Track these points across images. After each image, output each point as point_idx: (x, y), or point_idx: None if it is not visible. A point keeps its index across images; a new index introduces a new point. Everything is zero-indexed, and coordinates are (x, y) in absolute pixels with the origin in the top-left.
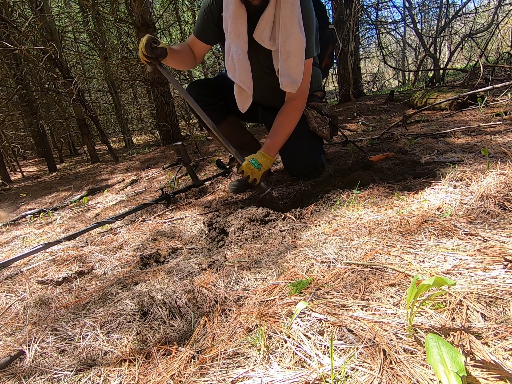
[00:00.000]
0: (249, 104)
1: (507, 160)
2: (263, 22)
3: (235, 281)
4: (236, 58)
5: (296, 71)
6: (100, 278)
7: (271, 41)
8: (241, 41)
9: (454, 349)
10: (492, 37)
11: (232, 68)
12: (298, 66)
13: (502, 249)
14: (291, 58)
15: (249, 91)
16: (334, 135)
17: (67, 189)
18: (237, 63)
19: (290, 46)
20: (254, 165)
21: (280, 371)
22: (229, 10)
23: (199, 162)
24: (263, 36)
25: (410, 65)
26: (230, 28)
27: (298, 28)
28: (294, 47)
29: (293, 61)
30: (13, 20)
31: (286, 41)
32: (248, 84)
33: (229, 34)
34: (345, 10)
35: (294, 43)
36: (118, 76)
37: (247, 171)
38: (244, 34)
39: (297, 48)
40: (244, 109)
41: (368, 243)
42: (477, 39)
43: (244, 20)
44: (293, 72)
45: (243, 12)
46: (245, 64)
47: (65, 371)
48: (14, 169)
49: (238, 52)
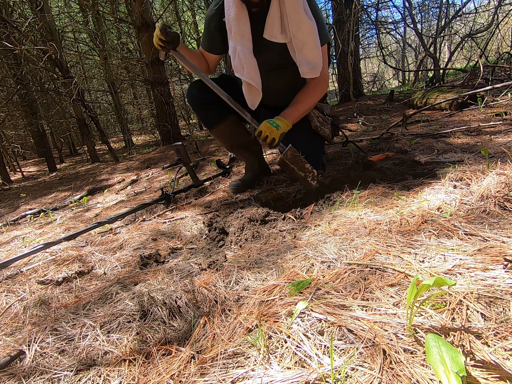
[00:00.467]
0: (259, 100)
1: (507, 160)
2: (270, 20)
3: (235, 281)
4: (242, 56)
5: (313, 55)
6: (100, 278)
7: (283, 34)
8: (245, 41)
9: (454, 349)
10: (492, 37)
11: (240, 67)
12: (314, 49)
13: (502, 249)
14: (306, 45)
15: (258, 87)
16: (335, 135)
17: (67, 189)
18: (244, 62)
19: (303, 34)
20: (273, 124)
21: (280, 371)
22: (231, 13)
23: (199, 162)
24: (274, 32)
25: (410, 65)
26: (234, 30)
27: (305, 16)
28: (306, 33)
29: (308, 47)
30: (13, 20)
31: (298, 32)
32: (257, 81)
33: (233, 36)
34: (345, 10)
35: (305, 30)
36: (118, 76)
37: (266, 131)
38: (248, 34)
39: (308, 33)
40: (254, 106)
41: (368, 243)
42: (477, 39)
43: (246, 21)
44: (311, 57)
45: (245, 13)
46: (252, 62)
47: (65, 371)
48: (14, 169)
49: (244, 51)
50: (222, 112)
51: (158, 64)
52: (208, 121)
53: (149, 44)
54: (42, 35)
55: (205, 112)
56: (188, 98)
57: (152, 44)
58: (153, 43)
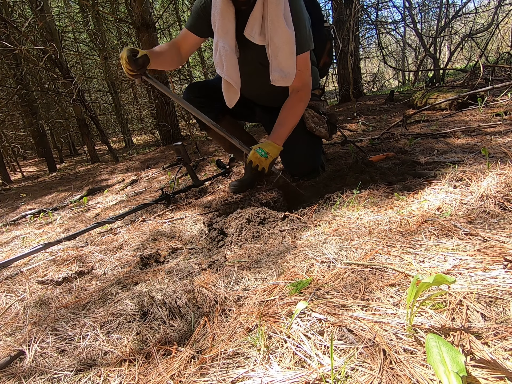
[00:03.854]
0: (236, 99)
1: (507, 160)
2: (252, 18)
3: (235, 281)
4: (223, 53)
5: (287, 64)
6: (100, 278)
7: (261, 36)
8: (228, 37)
9: (454, 349)
10: (492, 37)
11: (220, 63)
12: (289, 59)
13: (502, 249)
14: (280, 52)
15: (236, 86)
16: (333, 134)
17: (67, 189)
18: (225, 59)
19: (279, 40)
20: (261, 154)
21: (280, 371)
22: (217, 7)
23: (199, 162)
24: (253, 32)
25: (410, 65)
26: (218, 25)
27: (284, 22)
28: (282, 40)
29: (282, 55)
30: (13, 20)
31: (274, 36)
32: (235, 80)
33: (217, 31)
34: (345, 10)
35: (281, 37)
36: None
37: (255, 161)
38: (232, 30)
39: (285, 41)
40: (231, 105)
41: (368, 243)
42: (477, 39)
43: (231, 17)
44: (284, 66)
45: (231, 9)
46: (233, 60)
47: (65, 371)
48: (14, 169)
49: (226, 48)
50: (218, 113)
51: None
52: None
53: (149, 44)
54: (42, 35)
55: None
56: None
57: (152, 44)
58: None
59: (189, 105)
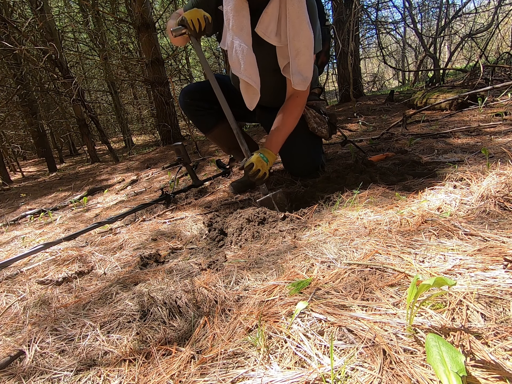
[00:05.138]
0: (257, 100)
1: (507, 160)
2: (266, 16)
3: (235, 281)
4: (240, 52)
5: (306, 68)
6: (100, 278)
7: (277, 37)
8: (244, 34)
9: (454, 349)
10: (492, 37)
11: (237, 63)
12: (308, 63)
13: (502, 249)
14: (300, 55)
15: (257, 86)
16: (333, 134)
17: (67, 189)
18: (242, 58)
19: (299, 43)
20: (264, 159)
21: (280, 371)
22: (230, 3)
23: (199, 162)
24: (268, 32)
25: (410, 65)
26: (233, 22)
27: (307, 25)
28: (303, 44)
29: (303, 58)
30: (13, 20)
31: (295, 38)
32: (255, 79)
33: (231, 28)
34: (345, 10)
35: (303, 40)
36: (118, 76)
37: (258, 164)
38: (248, 27)
39: (306, 44)
40: (252, 106)
41: (368, 243)
42: (477, 39)
43: (246, 13)
44: (303, 69)
45: (245, 4)
46: (251, 58)
47: (65, 371)
48: (14, 169)
49: (242, 46)
50: (216, 116)
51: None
52: (203, 126)
53: (149, 44)
54: (42, 35)
55: (199, 117)
56: (182, 105)
57: (152, 44)
58: (190, 26)
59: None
